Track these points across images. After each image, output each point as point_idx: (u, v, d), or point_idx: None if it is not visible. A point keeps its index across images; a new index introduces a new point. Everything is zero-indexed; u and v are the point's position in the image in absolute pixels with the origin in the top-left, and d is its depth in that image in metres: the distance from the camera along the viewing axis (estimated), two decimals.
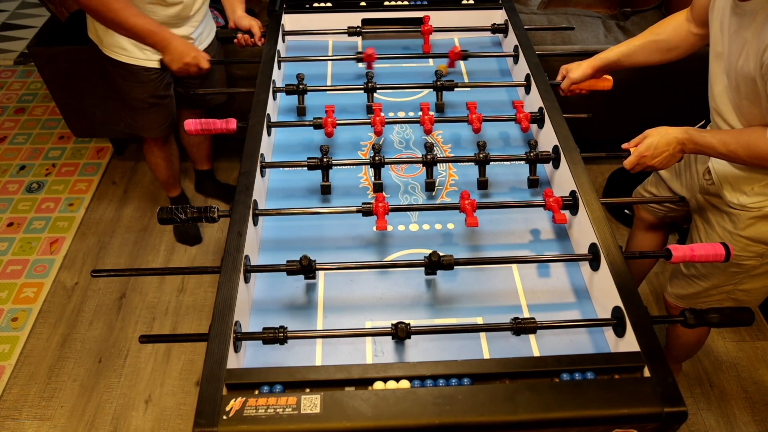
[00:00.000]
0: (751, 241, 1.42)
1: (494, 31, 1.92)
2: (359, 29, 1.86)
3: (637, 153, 1.34)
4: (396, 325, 1.06)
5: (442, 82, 1.64)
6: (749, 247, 1.42)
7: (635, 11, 2.56)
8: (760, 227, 1.39)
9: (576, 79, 1.60)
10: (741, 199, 1.39)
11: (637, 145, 1.36)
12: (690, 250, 1.17)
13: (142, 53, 1.92)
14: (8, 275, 2.42)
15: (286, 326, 1.07)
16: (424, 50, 1.86)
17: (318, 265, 1.18)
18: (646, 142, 1.34)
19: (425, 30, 1.84)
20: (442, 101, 1.68)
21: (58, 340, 2.20)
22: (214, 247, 2.53)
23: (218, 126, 1.47)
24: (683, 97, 1.74)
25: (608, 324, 1.11)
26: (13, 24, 4.03)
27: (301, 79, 1.64)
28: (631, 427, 0.93)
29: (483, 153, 1.40)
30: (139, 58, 1.93)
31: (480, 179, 1.43)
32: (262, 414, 0.90)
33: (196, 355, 2.14)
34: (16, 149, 3.04)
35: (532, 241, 1.35)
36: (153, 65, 1.96)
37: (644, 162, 1.35)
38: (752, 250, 1.43)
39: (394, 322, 1.07)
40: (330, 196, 1.44)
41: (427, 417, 0.90)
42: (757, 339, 2.18)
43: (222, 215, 1.25)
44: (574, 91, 1.64)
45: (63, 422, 1.96)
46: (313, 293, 1.23)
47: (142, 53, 1.92)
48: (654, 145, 1.32)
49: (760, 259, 1.44)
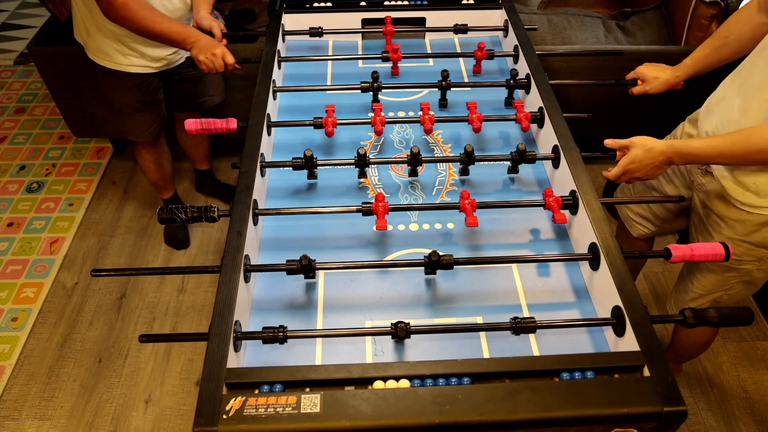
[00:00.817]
0: (754, 246, 1.40)
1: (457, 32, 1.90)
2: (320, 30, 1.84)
3: (622, 166, 1.32)
4: (395, 325, 1.07)
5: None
6: (751, 251, 1.41)
7: (635, 11, 2.56)
8: (765, 232, 1.37)
9: (653, 93, 1.63)
10: (750, 199, 1.34)
11: (622, 148, 1.34)
12: (689, 250, 1.16)
13: (126, 59, 1.90)
14: (8, 275, 2.42)
15: (286, 326, 1.07)
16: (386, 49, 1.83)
17: (318, 264, 1.18)
18: (631, 155, 1.31)
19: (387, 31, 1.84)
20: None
21: (58, 340, 2.20)
22: (214, 247, 2.53)
23: (219, 126, 1.47)
24: (683, 96, 1.74)
25: (608, 323, 1.11)
26: (13, 24, 4.03)
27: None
28: (630, 427, 0.94)
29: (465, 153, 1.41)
30: (122, 64, 1.91)
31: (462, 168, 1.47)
32: (262, 413, 0.90)
33: (196, 354, 2.14)
34: (16, 149, 3.04)
35: (532, 241, 1.35)
36: (136, 70, 1.94)
37: (629, 175, 1.33)
38: (753, 254, 1.41)
39: (393, 321, 1.07)
40: (330, 196, 1.45)
41: (427, 416, 0.90)
42: (757, 339, 2.18)
43: (222, 215, 1.25)
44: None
45: (63, 422, 1.97)
46: (313, 293, 1.23)
47: (125, 59, 1.90)
48: (639, 159, 1.30)
49: (757, 264, 1.43)
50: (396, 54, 1.75)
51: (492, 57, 1.78)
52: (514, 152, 1.43)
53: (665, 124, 1.75)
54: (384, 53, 1.76)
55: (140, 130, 2.16)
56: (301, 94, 1.74)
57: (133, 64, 1.93)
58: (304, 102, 1.72)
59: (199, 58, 1.78)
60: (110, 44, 1.86)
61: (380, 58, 1.76)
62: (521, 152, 1.41)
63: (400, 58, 1.76)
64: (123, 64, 1.92)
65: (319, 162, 1.42)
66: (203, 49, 1.77)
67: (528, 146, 1.58)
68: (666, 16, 2.53)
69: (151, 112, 2.12)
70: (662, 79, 1.60)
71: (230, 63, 1.79)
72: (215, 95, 2.31)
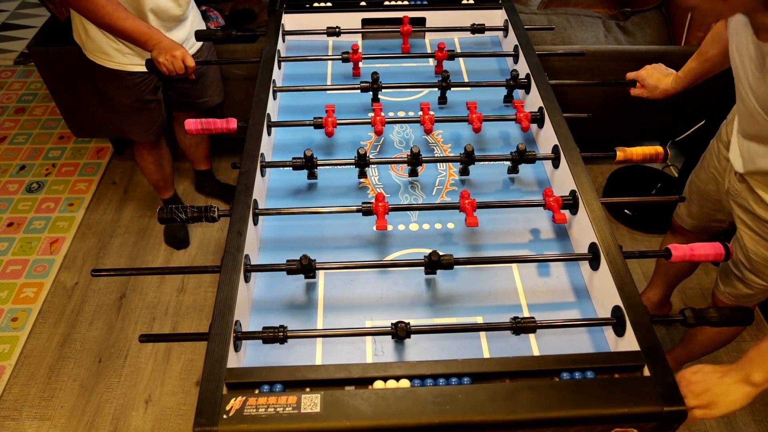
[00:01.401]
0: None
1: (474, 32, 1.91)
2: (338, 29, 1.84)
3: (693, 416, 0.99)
4: (396, 325, 1.07)
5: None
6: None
7: (635, 11, 2.56)
8: None
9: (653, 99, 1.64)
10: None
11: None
12: (690, 250, 1.17)
13: (125, 57, 1.91)
14: (8, 275, 2.42)
15: (286, 325, 1.07)
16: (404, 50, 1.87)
17: (318, 264, 1.18)
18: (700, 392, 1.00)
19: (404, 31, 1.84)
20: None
21: (58, 340, 2.20)
22: (214, 247, 2.53)
23: (218, 126, 1.47)
24: (683, 96, 1.74)
25: (608, 323, 1.11)
26: (13, 24, 4.03)
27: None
28: (630, 427, 0.94)
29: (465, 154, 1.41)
30: (122, 63, 1.92)
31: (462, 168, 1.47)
32: (262, 413, 0.90)
33: (196, 354, 2.14)
34: (16, 149, 3.04)
35: (532, 241, 1.35)
36: (136, 69, 1.94)
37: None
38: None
39: (394, 321, 1.07)
40: (330, 196, 1.44)
41: (427, 416, 0.90)
42: (757, 339, 2.18)
43: (222, 215, 1.25)
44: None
45: (63, 422, 1.97)
46: (313, 293, 1.23)
47: (125, 57, 1.91)
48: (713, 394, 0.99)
49: None
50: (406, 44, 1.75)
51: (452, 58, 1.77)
52: (514, 152, 1.43)
53: (665, 124, 1.75)
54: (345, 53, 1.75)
55: (141, 130, 2.16)
56: (301, 94, 1.74)
57: (133, 63, 1.92)
58: (304, 102, 1.72)
59: (159, 59, 1.78)
60: (109, 44, 1.87)
61: (384, 57, 1.76)
62: (521, 152, 1.41)
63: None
64: (123, 63, 1.92)
65: (319, 162, 1.42)
66: (164, 50, 1.78)
67: (528, 146, 1.59)
68: (666, 16, 2.53)
69: (151, 111, 2.11)
70: (661, 89, 1.62)
71: (190, 66, 1.81)
72: (214, 96, 2.31)
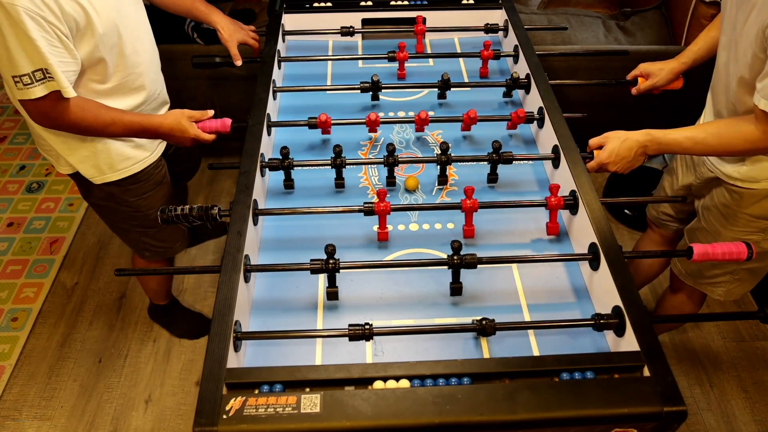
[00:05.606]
0: (753, 218, 1.42)
1: (487, 31, 1.91)
2: (352, 29, 1.85)
3: (598, 160, 1.36)
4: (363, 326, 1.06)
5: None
6: (752, 223, 1.43)
7: (635, 11, 2.56)
8: (763, 204, 1.39)
9: (660, 86, 1.62)
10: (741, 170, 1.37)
11: (599, 146, 1.37)
12: (711, 248, 1.17)
13: (145, 151, 1.60)
14: (8, 275, 2.42)
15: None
16: (417, 50, 1.87)
17: (316, 265, 1.18)
18: (608, 149, 1.34)
19: (418, 30, 1.85)
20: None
21: (58, 340, 2.20)
22: (214, 247, 2.53)
23: (214, 125, 1.48)
24: (682, 95, 1.74)
25: (607, 323, 1.11)
26: None
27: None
28: (630, 427, 0.94)
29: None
30: (146, 159, 1.61)
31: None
32: (262, 413, 0.90)
33: (196, 354, 2.14)
34: (16, 149, 3.04)
35: (532, 241, 1.35)
36: (157, 156, 1.65)
37: (607, 168, 1.36)
38: (755, 225, 1.43)
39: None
40: (330, 195, 1.44)
41: (427, 416, 0.90)
42: (757, 339, 2.18)
43: (222, 215, 1.25)
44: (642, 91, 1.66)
45: (63, 422, 1.96)
46: (313, 293, 1.23)
47: (145, 151, 1.60)
48: (615, 152, 1.33)
49: (763, 234, 1.44)
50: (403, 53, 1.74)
51: (498, 57, 1.78)
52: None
53: (665, 124, 1.75)
54: (390, 53, 1.75)
55: (178, 233, 1.82)
56: (301, 94, 1.74)
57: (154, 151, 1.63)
58: (304, 102, 1.72)
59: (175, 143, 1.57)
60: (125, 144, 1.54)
61: (386, 58, 1.76)
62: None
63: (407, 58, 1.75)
64: (146, 157, 1.60)
65: (318, 162, 1.42)
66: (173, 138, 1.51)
67: (528, 146, 1.59)
68: (666, 16, 2.53)
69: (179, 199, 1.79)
70: (668, 68, 1.60)
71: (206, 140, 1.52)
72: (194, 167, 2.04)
